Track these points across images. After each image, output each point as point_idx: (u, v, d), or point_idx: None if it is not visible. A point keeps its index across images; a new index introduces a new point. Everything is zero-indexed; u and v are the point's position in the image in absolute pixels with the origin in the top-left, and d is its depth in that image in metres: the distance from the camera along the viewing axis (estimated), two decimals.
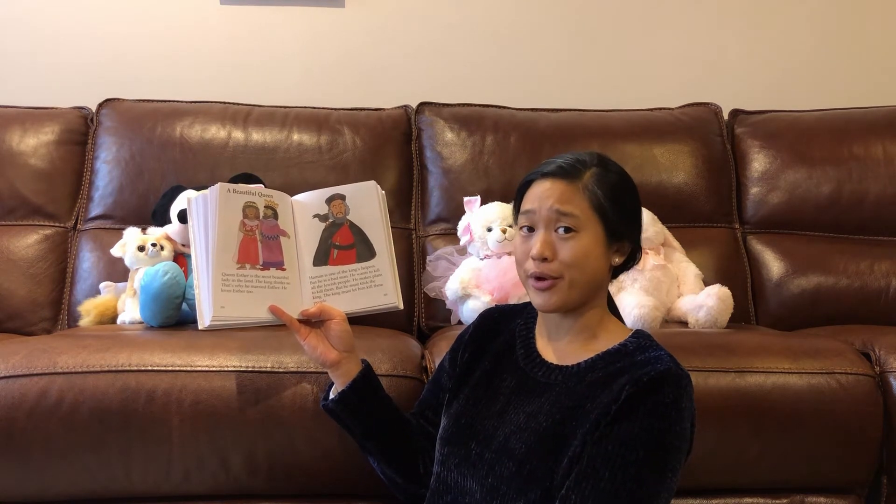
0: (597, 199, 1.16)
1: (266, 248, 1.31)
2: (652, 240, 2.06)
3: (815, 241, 2.28)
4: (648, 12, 2.65)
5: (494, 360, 1.27)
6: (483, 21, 2.62)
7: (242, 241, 1.29)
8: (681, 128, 2.38)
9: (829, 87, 2.66)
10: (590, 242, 1.15)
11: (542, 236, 1.17)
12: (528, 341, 1.26)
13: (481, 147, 2.30)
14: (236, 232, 1.29)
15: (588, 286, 1.17)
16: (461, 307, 1.97)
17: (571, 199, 1.16)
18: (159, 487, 1.46)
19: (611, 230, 1.17)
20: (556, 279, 1.16)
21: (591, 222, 1.16)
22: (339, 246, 1.37)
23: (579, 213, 1.15)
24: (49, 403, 1.41)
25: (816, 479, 1.57)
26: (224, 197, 1.29)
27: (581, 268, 1.15)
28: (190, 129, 2.24)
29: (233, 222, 1.29)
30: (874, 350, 1.65)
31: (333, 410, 1.32)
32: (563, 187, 1.17)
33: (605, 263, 1.18)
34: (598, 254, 1.16)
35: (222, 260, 1.26)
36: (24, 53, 2.50)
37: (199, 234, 1.29)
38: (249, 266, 1.28)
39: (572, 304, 1.18)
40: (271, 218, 1.33)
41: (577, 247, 1.15)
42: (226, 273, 1.26)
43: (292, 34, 2.57)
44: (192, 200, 1.32)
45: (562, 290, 1.16)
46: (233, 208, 1.30)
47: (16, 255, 2.12)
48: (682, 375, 1.11)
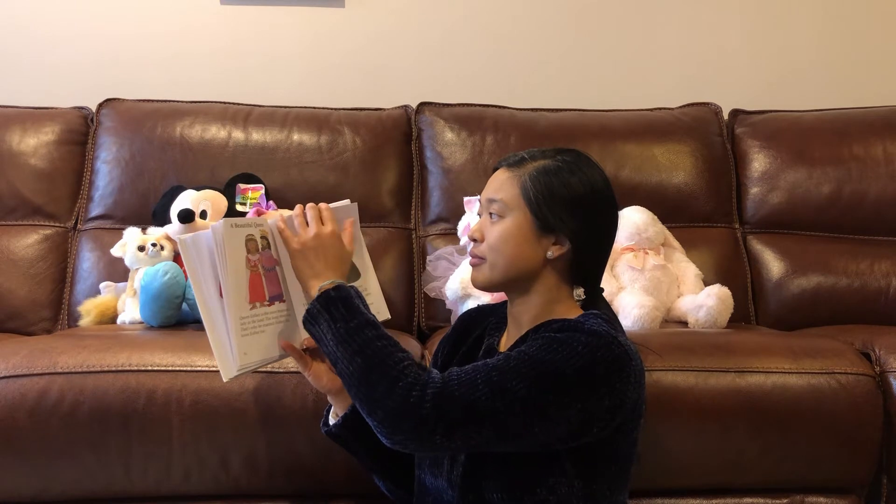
0: (526, 187, 1.18)
1: (269, 281, 1.25)
2: (652, 240, 2.06)
3: (815, 241, 2.28)
4: (648, 12, 2.65)
5: (463, 359, 1.29)
6: (483, 21, 2.62)
7: (251, 279, 1.22)
8: (681, 128, 2.38)
9: (829, 87, 2.66)
10: (511, 227, 1.18)
11: (479, 220, 1.23)
12: (494, 337, 1.28)
13: (481, 147, 2.30)
14: (245, 270, 1.21)
15: (510, 270, 1.19)
16: (461, 307, 1.97)
17: (503, 187, 1.20)
18: (159, 487, 1.46)
19: (539, 219, 1.17)
20: (482, 259, 1.21)
21: (518, 210, 1.18)
22: None
23: (507, 199, 1.19)
24: (49, 403, 1.41)
25: (816, 479, 1.57)
26: (230, 234, 1.20)
27: (499, 250, 1.19)
28: (190, 129, 2.24)
29: (240, 260, 1.21)
30: (874, 350, 1.65)
31: (338, 435, 1.31)
32: (502, 177, 1.21)
33: (532, 252, 1.18)
34: (521, 240, 1.18)
35: (238, 303, 1.19)
36: (24, 53, 2.50)
37: (204, 278, 1.20)
38: (259, 304, 1.22)
39: (497, 284, 1.21)
40: (267, 248, 1.25)
41: (498, 230, 1.19)
42: (243, 317, 1.19)
43: (292, 34, 2.57)
44: (187, 241, 1.21)
45: (483, 269, 1.21)
46: (237, 245, 1.21)
47: (16, 255, 2.12)
48: (607, 334, 1.09)
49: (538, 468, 1.12)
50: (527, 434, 1.05)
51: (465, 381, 1.05)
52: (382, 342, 1.10)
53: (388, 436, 1.06)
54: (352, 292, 1.16)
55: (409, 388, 1.04)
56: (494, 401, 1.04)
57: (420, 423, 1.03)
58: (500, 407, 1.04)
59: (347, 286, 1.18)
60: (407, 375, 1.05)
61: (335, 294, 1.15)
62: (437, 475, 1.21)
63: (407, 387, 1.04)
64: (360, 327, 1.11)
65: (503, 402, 1.04)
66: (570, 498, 1.12)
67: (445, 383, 1.05)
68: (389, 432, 1.05)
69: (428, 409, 1.03)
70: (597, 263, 1.23)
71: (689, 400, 1.49)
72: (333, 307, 1.14)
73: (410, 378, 1.05)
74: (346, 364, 1.09)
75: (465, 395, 1.04)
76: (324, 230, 1.23)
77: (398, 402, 1.04)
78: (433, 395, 1.03)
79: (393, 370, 1.06)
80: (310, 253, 1.21)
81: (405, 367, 1.06)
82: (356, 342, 1.10)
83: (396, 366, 1.06)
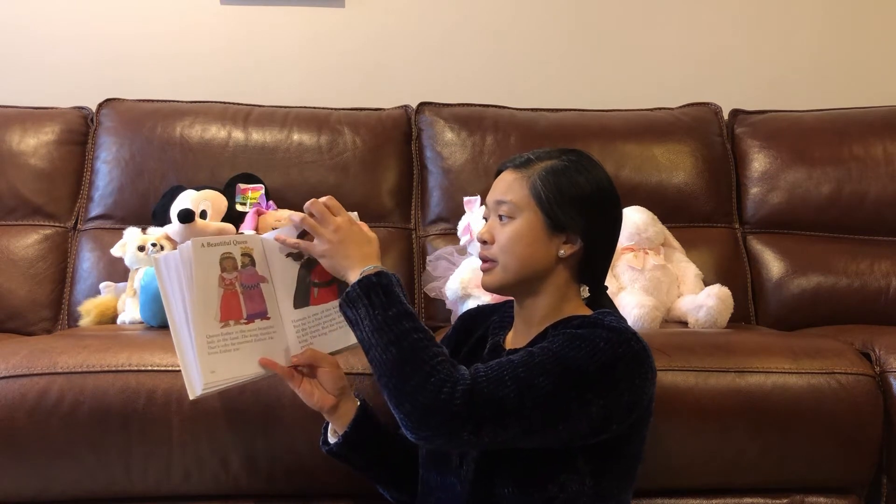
0: (536, 187, 1.18)
1: (248, 299, 1.22)
2: (652, 240, 2.06)
3: (815, 241, 2.28)
4: (648, 12, 2.65)
5: (465, 359, 1.28)
6: (483, 21, 2.62)
7: (224, 297, 1.19)
8: (681, 128, 2.38)
9: (829, 87, 2.66)
10: (523, 228, 1.18)
11: (488, 223, 1.23)
12: (498, 336, 1.28)
13: (481, 147, 2.30)
14: (216, 288, 1.19)
15: (524, 270, 1.19)
16: (461, 307, 1.97)
17: (512, 188, 1.20)
18: (159, 487, 1.45)
19: (550, 218, 1.17)
20: (493, 262, 1.20)
21: (529, 210, 1.18)
22: (319, 283, 1.28)
23: (517, 200, 1.19)
24: (49, 403, 1.41)
25: (816, 479, 1.57)
26: (199, 253, 1.18)
27: (511, 251, 1.18)
28: (190, 129, 2.24)
29: (211, 279, 1.19)
30: (874, 350, 1.65)
31: (339, 453, 1.30)
32: (510, 178, 1.21)
33: (544, 251, 1.18)
34: (532, 240, 1.18)
35: (205, 322, 1.18)
36: (24, 53, 2.50)
37: (173, 296, 1.19)
38: (234, 322, 1.20)
39: (509, 286, 1.21)
40: (249, 266, 1.23)
41: (509, 231, 1.19)
42: (210, 335, 1.18)
43: (292, 34, 2.57)
44: (160, 259, 1.20)
45: (496, 273, 1.20)
46: (209, 263, 1.19)
47: (16, 255, 2.12)
48: (626, 330, 1.11)
49: (550, 465, 1.12)
50: (551, 430, 1.06)
51: (493, 378, 1.06)
52: (419, 335, 1.09)
53: (414, 430, 1.06)
54: (393, 279, 1.15)
55: (441, 384, 1.04)
56: (522, 398, 1.04)
57: (449, 419, 1.03)
58: (527, 403, 1.04)
59: (389, 273, 1.16)
60: (440, 371, 1.05)
61: (376, 280, 1.14)
62: (444, 472, 1.21)
63: (438, 383, 1.04)
64: (398, 317, 1.10)
65: (530, 399, 1.04)
66: (580, 495, 1.12)
67: (475, 380, 1.05)
68: (416, 426, 1.05)
69: (458, 405, 1.03)
70: (604, 261, 1.24)
71: (689, 400, 1.49)
72: (374, 293, 1.12)
73: (443, 374, 1.05)
74: (379, 352, 1.09)
75: (493, 392, 1.04)
76: (339, 221, 1.21)
77: (429, 397, 1.04)
78: (463, 391, 1.04)
79: (426, 364, 1.05)
80: (338, 248, 1.19)
81: (439, 362, 1.06)
82: (393, 332, 1.09)
83: (430, 360, 1.06)
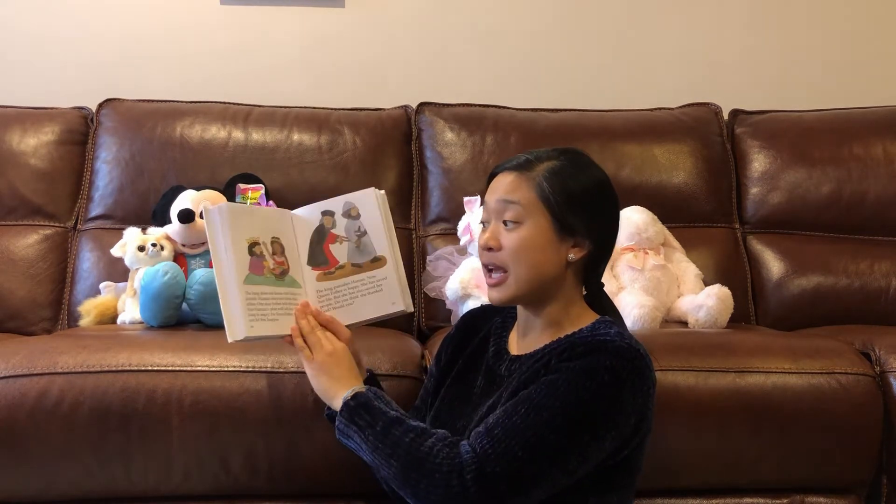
0: (543, 189, 1.15)
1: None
2: (652, 240, 2.06)
3: (815, 241, 2.28)
4: (648, 13, 2.65)
5: (468, 360, 1.28)
6: (483, 21, 2.61)
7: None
8: (681, 128, 2.38)
9: (829, 87, 2.66)
10: (534, 233, 1.15)
11: (490, 227, 1.19)
12: (502, 338, 1.27)
13: (481, 147, 2.30)
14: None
15: (537, 279, 1.17)
16: (461, 307, 1.97)
17: (517, 189, 1.16)
18: (159, 487, 1.45)
19: (559, 222, 1.15)
20: (503, 272, 1.17)
21: (537, 213, 1.15)
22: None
23: (524, 202, 1.15)
24: (49, 403, 1.41)
25: (816, 479, 1.57)
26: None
27: (523, 259, 1.15)
28: (190, 129, 2.24)
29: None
30: (874, 350, 1.65)
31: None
32: (513, 179, 1.18)
33: (555, 256, 1.17)
34: (544, 245, 1.15)
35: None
36: (24, 53, 2.50)
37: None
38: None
39: (523, 297, 1.18)
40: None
41: (520, 237, 1.15)
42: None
43: (292, 34, 2.57)
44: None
45: (509, 285, 1.17)
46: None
47: (16, 255, 2.12)
48: (628, 348, 1.09)
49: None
50: (573, 476, 1.07)
51: (501, 453, 1.04)
52: (410, 436, 1.10)
53: None
54: (370, 395, 1.17)
55: (448, 479, 1.04)
56: (537, 463, 1.04)
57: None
58: (544, 466, 1.04)
59: (363, 391, 1.18)
60: (441, 465, 1.05)
61: (354, 403, 1.16)
62: None
63: (444, 478, 1.04)
64: (385, 429, 1.12)
65: (545, 460, 1.04)
66: None
67: (482, 462, 1.04)
68: None
69: (473, 493, 1.03)
70: (606, 261, 1.23)
71: (689, 400, 1.49)
72: (357, 416, 1.14)
73: (445, 467, 1.05)
74: (386, 469, 1.11)
75: (506, 468, 1.03)
76: (336, 347, 1.24)
77: (441, 494, 1.04)
78: (473, 478, 1.03)
79: (427, 464, 1.06)
80: (324, 371, 1.22)
81: (436, 454, 1.06)
82: (388, 445, 1.10)
83: (428, 458, 1.06)
